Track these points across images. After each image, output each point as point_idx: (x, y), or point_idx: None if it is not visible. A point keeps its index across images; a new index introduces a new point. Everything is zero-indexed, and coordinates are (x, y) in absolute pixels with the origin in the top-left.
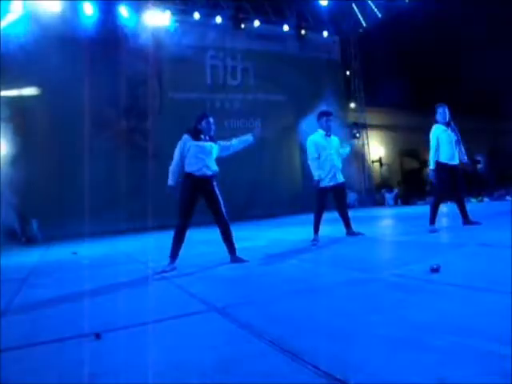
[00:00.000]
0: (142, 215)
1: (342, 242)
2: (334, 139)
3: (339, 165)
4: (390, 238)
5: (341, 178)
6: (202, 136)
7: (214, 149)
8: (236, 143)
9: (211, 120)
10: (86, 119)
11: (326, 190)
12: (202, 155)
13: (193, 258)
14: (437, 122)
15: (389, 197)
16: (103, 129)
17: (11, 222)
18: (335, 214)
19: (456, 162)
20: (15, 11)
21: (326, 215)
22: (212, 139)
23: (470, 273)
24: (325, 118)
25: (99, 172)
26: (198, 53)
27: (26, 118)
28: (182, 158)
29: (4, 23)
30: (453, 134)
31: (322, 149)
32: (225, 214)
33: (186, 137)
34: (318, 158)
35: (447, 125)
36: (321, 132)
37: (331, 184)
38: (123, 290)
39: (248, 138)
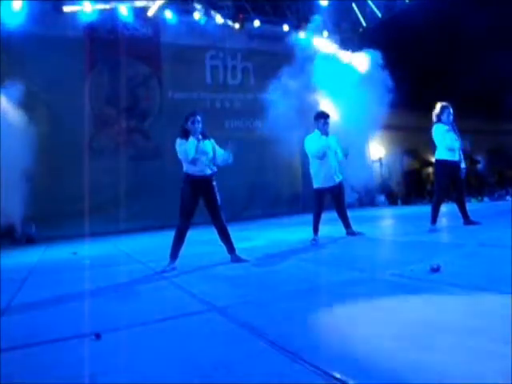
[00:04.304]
0: (142, 215)
1: (341, 242)
2: (332, 139)
3: (336, 165)
4: (390, 237)
5: (338, 178)
6: (191, 136)
7: (208, 145)
8: (220, 156)
9: (199, 119)
10: (86, 119)
11: (322, 190)
12: (198, 155)
13: (193, 257)
14: (438, 122)
15: (388, 197)
16: (103, 128)
17: (12, 221)
18: (335, 214)
19: (457, 158)
20: (15, 10)
21: (325, 215)
22: (205, 136)
23: (470, 273)
24: (322, 121)
25: (99, 172)
26: (198, 53)
27: (24, 118)
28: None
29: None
30: (455, 134)
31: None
32: (222, 214)
33: (180, 140)
34: (322, 157)
35: (450, 125)
36: (317, 132)
37: (328, 186)
38: (123, 290)
39: (228, 157)
